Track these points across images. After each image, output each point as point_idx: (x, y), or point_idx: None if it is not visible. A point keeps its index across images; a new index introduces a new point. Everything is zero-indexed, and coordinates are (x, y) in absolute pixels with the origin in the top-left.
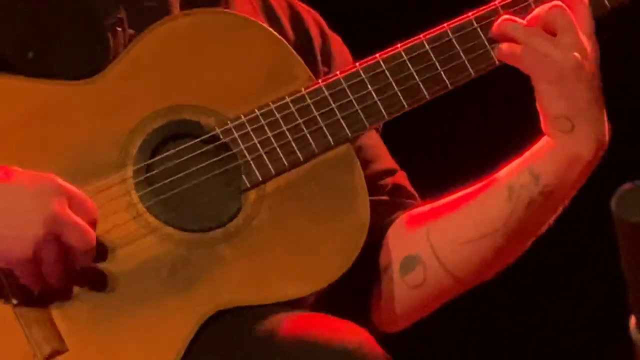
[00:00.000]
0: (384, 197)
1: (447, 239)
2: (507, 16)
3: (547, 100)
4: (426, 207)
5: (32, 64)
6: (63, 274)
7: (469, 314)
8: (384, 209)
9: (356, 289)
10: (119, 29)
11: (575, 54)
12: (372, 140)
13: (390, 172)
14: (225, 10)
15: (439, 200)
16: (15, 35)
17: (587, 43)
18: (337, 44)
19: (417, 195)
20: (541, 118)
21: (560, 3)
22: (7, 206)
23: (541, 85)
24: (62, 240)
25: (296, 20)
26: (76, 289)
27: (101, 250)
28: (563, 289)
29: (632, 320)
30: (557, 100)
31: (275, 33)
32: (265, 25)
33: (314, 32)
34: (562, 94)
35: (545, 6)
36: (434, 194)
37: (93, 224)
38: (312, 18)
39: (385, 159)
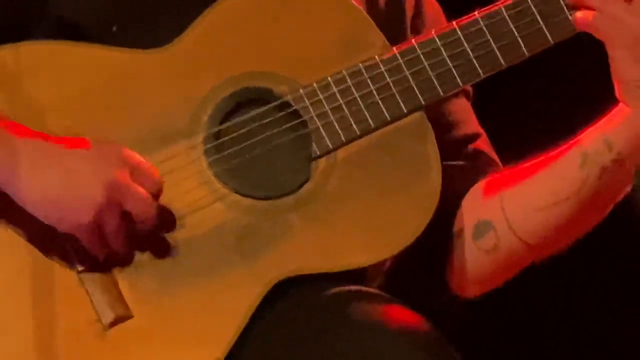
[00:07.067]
0: (464, 163)
1: (519, 206)
2: None
3: (621, 66)
4: (503, 174)
5: (116, 38)
6: (126, 240)
7: None
8: (463, 175)
9: (431, 254)
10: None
11: None
12: (458, 105)
13: (473, 137)
14: None
15: (516, 167)
16: (100, 9)
17: None
18: (431, 9)
19: (498, 161)
20: (615, 85)
21: None
22: (68, 171)
23: (615, 52)
24: (124, 208)
25: None
26: (143, 257)
27: (169, 218)
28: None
29: None
30: (632, 65)
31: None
32: None
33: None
34: (637, 59)
35: None
36: (514, 160)
37: (157, 194)
38: None
39: (469, 124)
